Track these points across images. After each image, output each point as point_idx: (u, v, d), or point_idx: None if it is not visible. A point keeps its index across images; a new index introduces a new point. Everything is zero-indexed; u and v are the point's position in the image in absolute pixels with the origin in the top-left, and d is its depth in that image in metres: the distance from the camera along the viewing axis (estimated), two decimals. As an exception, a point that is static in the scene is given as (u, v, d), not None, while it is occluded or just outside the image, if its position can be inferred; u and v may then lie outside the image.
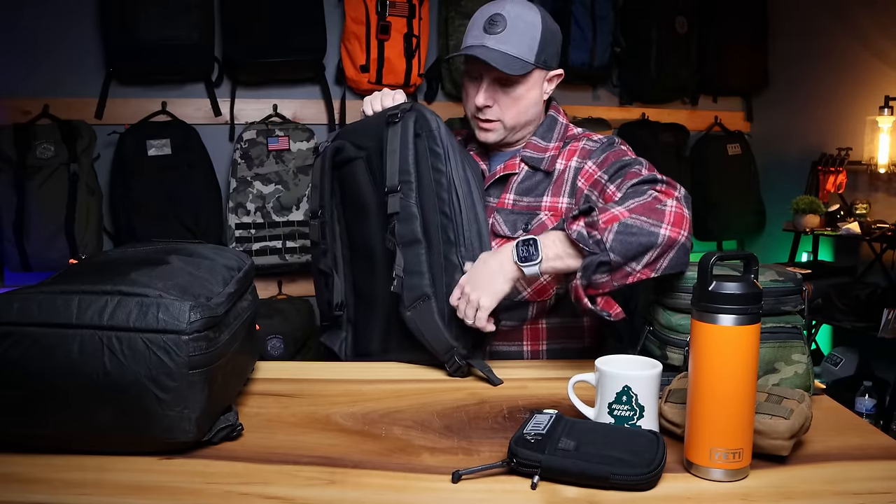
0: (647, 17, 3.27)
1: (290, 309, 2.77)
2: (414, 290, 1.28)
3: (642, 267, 1.16)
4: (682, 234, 1.17)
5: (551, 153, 1.43)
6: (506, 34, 1.34)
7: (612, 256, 1.14)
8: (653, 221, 1.15)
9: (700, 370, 0.87)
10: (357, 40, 2.87)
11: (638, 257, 1.15)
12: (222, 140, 2.93)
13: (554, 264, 1.19)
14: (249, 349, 1.13)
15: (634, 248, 1.14)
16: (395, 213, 1.30)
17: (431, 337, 1.26)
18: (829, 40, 3.23)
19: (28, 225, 2.49)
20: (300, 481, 0.87)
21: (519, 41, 1.35)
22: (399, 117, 1.33)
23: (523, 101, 1.40)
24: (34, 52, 2.70)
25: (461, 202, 1.30)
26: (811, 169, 3.22)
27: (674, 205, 1.19)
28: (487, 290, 1.22)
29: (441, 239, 1.29)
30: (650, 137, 3.34)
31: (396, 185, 1.30)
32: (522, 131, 1.46)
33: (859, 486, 0.86)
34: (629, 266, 1.16)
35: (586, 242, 1.15)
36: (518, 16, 1.35)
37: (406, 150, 1.31)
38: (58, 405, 0.88)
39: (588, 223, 1.16)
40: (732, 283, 0.86)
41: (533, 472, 0.85)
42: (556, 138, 1.45)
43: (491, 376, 1.23)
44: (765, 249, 3.54)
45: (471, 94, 1.41)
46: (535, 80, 1.40)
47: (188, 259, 1.03)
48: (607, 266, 1.15)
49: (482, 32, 1.35)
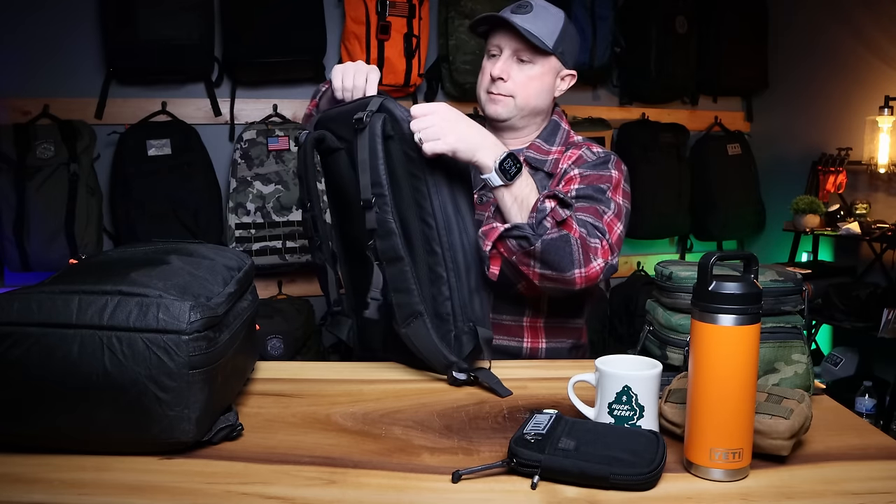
0: (647, 17, 3.27)
1: (290, 309, 2.77)
2: (405, 307, 1.21)
3: (537, 271, 1.29)
4: (582, 285, 1.29)
5: (554, 157, 1.47)
6: (531, 17, 1.41)
7: (537, 245, 1.23)
8: (580, 258, 1.27)
9: (700, 370, 0.87)
10: (357, 40, 2.87)
11: (544, 265, 1.27)
12: (222, 140, 2.93)
13: (506, 198, 1.27)
14: (249, 349, 1.13)
15: (552, 254, 1.25)
16: (373, 229, 1.21)
17: (428, 353, 1.22)
18: (829, 40, 3.23)
19: (28, 225, 2.49)
20: (300, 481, 0.87)
21: (543, 25, 1.42)
22: (365, 122, 1.21)
23: (536, 83, 1.45)
24: (34, 52, 2.70)
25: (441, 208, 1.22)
26: (811, 169, 3.22)
27: (599, 265, 1.29)
28: (458, 135, 1.20)
29: (424, 250, 1.22)
30: (650, 137, 3.34)
31: (371, 200, 1.20)
32: (529, 118, 1.48)
33: (859, 486, 0.86)
34: (534, 261, 1.27)
35: (538, 218, 1.24)
36: (544, 6, 1.44)
37: (376, 161, 1.19)
38: (58, 405, 0.88)
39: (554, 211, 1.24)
40: (732, 283, 0.86)
41: (533, 472, 0.85)
42: (558, 143, 1.49)
43: (499, 388, 1.16)
44: (765, 249, 3.55)
45: (487, 70, 1.46)
46: (550, 67, 1.46)
47: (188, 259, 1.03)
48: (526, 244, 1.25)
49: (509, 12, 1.42)
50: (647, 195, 3.31)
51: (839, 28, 3.17)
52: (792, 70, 3.48)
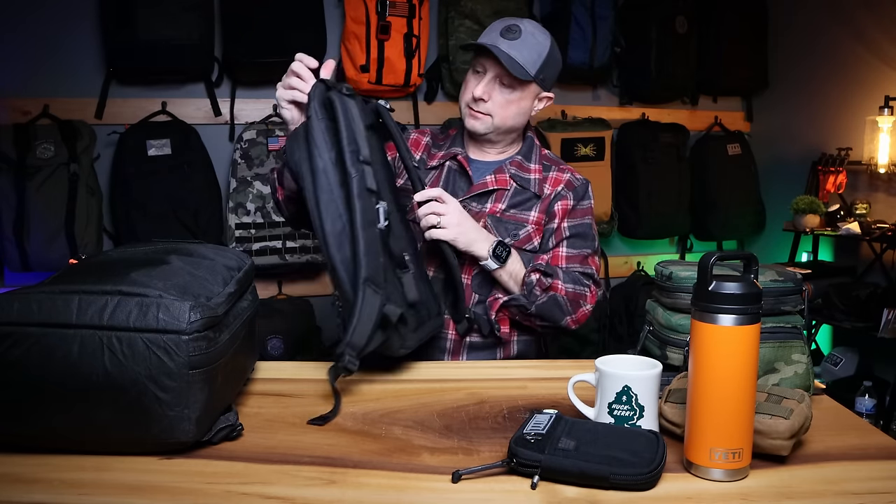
0: (647, 17, 3.27)
1: (290, 309, 2.77)
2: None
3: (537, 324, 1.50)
4: (575, 327, 1.52)
5: (536, 177, 1.58)
6: (518, 43, 1.48)
7: (532, 309, 1.47)
8: (569, 309, 1.49)
9: (700, 370, 0.87)
10: (357, 40, 2.87)
11: (541, 320, 1.48)
12: (222, 140, 2.93)
13: (502, 276, 1.48)
14: (249, 349, 1.13)
15: (546, 314, 1.47)
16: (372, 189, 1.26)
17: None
18: (829, 40, 3.23)
19: (28, 225, 2.49)
20: (300, 481, 0.87)
21: (528, 53, 1.49)
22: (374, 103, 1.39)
23: (514, 107, 1.53)
24: (34, 52, 2.70)
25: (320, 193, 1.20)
26: (811, 169, 3.22)
27: (588, 309, 1.52)
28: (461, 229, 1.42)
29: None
30: (650, 137, 3.35)
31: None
32: (504, 135, 1.58)
33: (859, 486, 0.87)
34: (532, 318, 1.49)
35: (528, 290, 1.47)
36: (532, 33, 1.50)
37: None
38: (58, 405, 0.88)
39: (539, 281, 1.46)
40: (732, 283, 0.86)
41: (533, 472, 0.85)
42: (535, 160, 1.61)
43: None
44: (765, 249, 3.55)
45: (470, 86, 1.54)
46: (529, 92, 1.54)
47: (188, 259, 1.03)
48: (524, 309, 1.48)
49: (498, 35, 1.49)
50: (647, 195, 3.31)
51: (839, 28, 3.17)
52: (792, 70, 3.48)
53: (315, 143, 1.21)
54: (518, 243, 1.52)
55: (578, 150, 3.17)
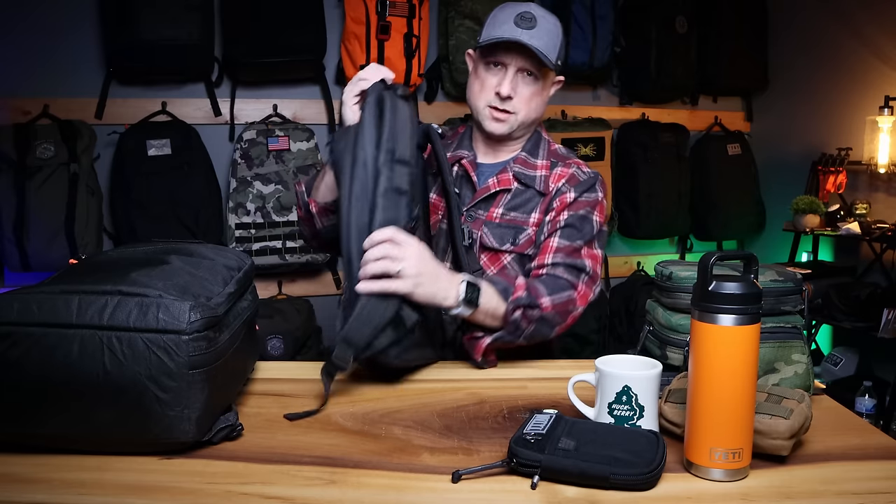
0: (647, 17, 3.27)
1: (290, 309, 2.77)
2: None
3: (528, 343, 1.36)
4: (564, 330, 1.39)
5: (542, 173, 1.48)
6: (537, 31, 1.39)
7: (520, 341, 1.33)
8: (558, 321, 1.35)
9: (700, 370, 0.87)
10: (357, 40, 2.87)
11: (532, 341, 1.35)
12: (222, 140, 2.93)
13: (479, 317, 1.29)
14: (249, 349, 1.13)
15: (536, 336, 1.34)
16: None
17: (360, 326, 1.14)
18: (829, 40, 3.23)
19: (28, 225, 2.49)
20: (300, 481, 0.87)
21: (548, 39, 1.40)
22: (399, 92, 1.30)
23: (538, 98, 1.46)
24: (34, 52, 2.70)
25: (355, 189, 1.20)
26: (811, 169, 3.22)
27: (578, 311, 1.38)
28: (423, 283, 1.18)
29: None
30: (650, 137, 3.35)
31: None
32: (527, 129, 1.50)
33: (859, 486, 0.87)
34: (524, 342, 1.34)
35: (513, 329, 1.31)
36: (544, 17, 1.42)
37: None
38: (58, 405, 0.88)
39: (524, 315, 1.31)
40: (732, 283, 0.86)
41: (533, 472, 0.85)
42: (542, 156, 1.50)
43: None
44: (765, 249, 3.55)
45: (490, 84, 1.43)
46: (548, 81, 1.48)
47: (188, 259, 1.03)
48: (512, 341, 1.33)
49: (514, 26, 1.39)
50: (647, 195, 3.31)
51: (839, 28, 3.17)
52: (792, 70, 3.48)
53: (363, 133, 1.21)
54: (518, 249, 1.43)
55: (578, 150, 3.17)
